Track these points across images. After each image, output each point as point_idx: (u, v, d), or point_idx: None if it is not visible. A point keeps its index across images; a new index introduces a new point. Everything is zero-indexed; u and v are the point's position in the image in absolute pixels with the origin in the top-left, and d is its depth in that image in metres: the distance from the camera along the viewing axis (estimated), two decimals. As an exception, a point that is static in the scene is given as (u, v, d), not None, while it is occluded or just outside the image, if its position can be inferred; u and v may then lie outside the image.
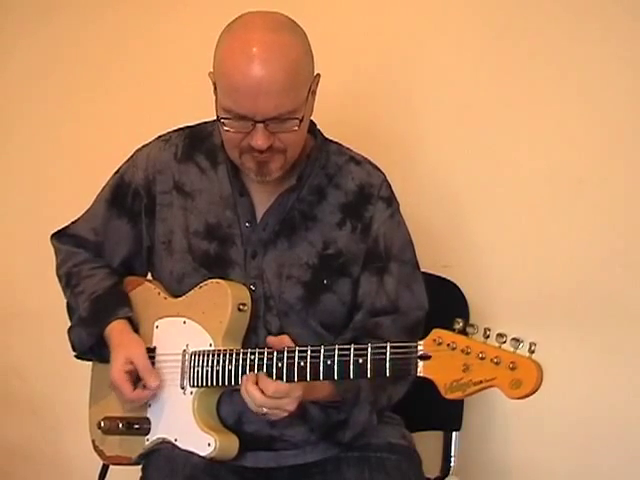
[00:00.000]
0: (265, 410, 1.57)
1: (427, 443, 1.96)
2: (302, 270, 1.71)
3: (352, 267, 1.73)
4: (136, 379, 1.71)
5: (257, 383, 1.57)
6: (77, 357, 1.85)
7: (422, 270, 1.81)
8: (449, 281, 2.10)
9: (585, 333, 2.08)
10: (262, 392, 1.56)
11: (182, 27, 2.54)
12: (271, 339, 1.62)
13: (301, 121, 1.62)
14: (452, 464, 2.05)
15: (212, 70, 1.65)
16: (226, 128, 1.63)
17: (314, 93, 1.68)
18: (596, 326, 2.08)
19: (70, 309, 1.86)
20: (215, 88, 1.66)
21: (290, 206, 1.73)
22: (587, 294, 2.08)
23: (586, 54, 2.09)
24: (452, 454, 2.05)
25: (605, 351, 2.07)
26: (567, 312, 2.09)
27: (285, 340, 1.60)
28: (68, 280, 1.86)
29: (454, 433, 2.05)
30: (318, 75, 1.68)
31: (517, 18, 2.16)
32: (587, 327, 2.08)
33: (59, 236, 1.91)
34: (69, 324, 1.85)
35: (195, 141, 1.81)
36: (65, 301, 1.87)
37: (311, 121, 1.74)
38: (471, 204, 2.20)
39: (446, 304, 1.96)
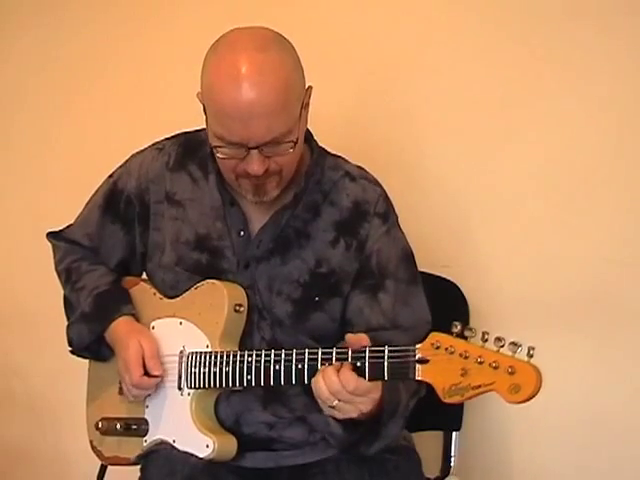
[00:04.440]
0: (335, 403, 1.50)
1: (427, 443, 1.96)
2: (292, 287, 1.69)
3: (344, 286, 1.70)
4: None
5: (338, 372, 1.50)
6: (72, 353, 1.84)
7: (422, 270, 1.80)
8: (449, 281, 2.09)
9: (585, 332, 2.07)
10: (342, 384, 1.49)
11: (180, 29, 2.53)
12: (351, 337, 1.54)
13: (296, 143, 1.58)
14: (452, 464, 2.05)
15: (200, 91, 1.61)
16: (220, 155, 1.60)
17: (307, 105, 1.64)
18: (596, 325, 2.06)
19: (69, 305, 1.85)
20: (205, 109, 1.62)
21: (284, 223, 1.70)
22: (587, 293, 2.07)
23: (586, 54, 2.08)
24: (452, 454, 2.05)
25: (605, 351, 2.06)
26: (567, 311, 2.08)
27: (363, 340, 1.53)
28: (68, 276, 1.86)
29: (454, 433, 2.05)
30: (310, 87, 1.63)
31: (515, 24, 2.15)
32: (587, 326, 2.07)
33: (55, 235, 1.91)
34: (66, 321, 1.84)
35: (189, 150, 1.78)
36: (63, 296, 1.87)
37: (308, 131, 1.71)
38: (471, 204, 2.19)
39: (446, 304, 1.95)
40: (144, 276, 1.86)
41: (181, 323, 1.72)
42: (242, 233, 1.72)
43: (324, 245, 1.70)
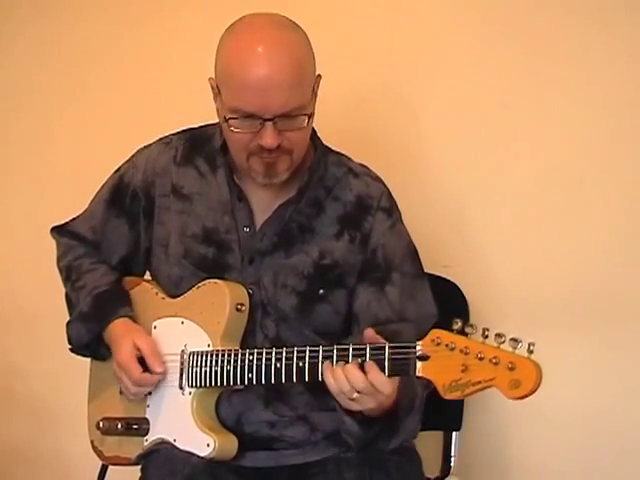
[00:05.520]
0: (356, 395, 1.49)
1: (427, 443, 1.94)
2: (297, 279, 1.70)
3: (348, 278, 1.71)
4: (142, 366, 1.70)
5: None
6: (72, 351, 1.84)
7: (422, 270, 1.81)
8: (449, 281, 2.09)
9: (585, 332, 2.07)
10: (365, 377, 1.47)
11: (182, 24, 2.53)
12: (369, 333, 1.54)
13: (309, 117, 1.61)
14: (452, 464, 2.05)
15: (213, 76, 1.64)
16: (233, 129, 1.61)
17: (315, 94, 1.66)
18: (596, 325, 2.06)
19: (70, 302, 1.86)
20: (216, 93, 1.64)
21: (288, 218, 1.71)
22: (587, 293, 2.07)
23: (586, 54, 2.08)
24: (452, 454, 2.05)
25: (605, 349, 2.06)
26: (567, 311, 2.08)
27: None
28: (68, 274, 1.86)
29: (454, 433, 2.05)
30: (319, 76, 1.66)
31: (517, 22, 2.15)
32: (587, 326, 2.07)
33: (59, 230, 1.91)
34: (68, 317, 1.84)
35: (195, 145, 1.79)
36: (64, 293, 1.87)
37: (312, 129, 1.72)
38: (471, 204, 2.19)
39: (446, 304, 1.94)
40: (146, 276, 1.86)
41: (183, 322, 1.72)
42: (247, 229, 1.73)
43: (328, 238, 1.71)
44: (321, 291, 1.70)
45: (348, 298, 1.72)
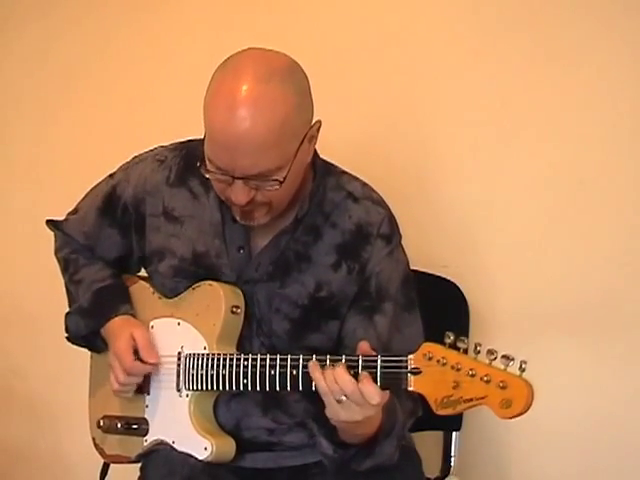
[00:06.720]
0: (343, 398, 1.48)
1: (427, 443, 1.95)
2: (291, 307, 1.67)
3: (343, 308, 1.68)
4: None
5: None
6: (68, 339, 1.84)
7: (422, 270, 1.79)
8: (449, 281, 2.07)
9: (585, 331, 2.06)
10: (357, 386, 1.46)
11: (183, 25, 2.52)
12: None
13: (282, 182, 1.53)
14: (452, 464, 2.05)
15: None
16: (208, 176, 1.57)
17: (312, 138, 1.59)
18: (596, 324, 2.06)
19: (69, 293, 1.86)
20: None
21: (284, 246, 1.67)
22: (586, 293, 2.06)
23: (587, 54, 2.06)
24: (452, 454, 2.05)
25: (605, 349, 2.05)
26: (567, 311, 2.07)
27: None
28: (66, 266, 1.86)
29: (454, 433, 2.05)
30: (318, 122, 1.58)
31: (517, 23, 2.14)
32: (587, 325, 2.06)
33: (54, 224, 1.90)
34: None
35: (190, 164, 1.72)
36: (63, 283, 1.87)
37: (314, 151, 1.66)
38: (472, 204, 2.18)
39: (446, 304, 1.95)
40: (142, 273, 1.86)
41: (179, 324, 1.71)
42: (242, 251, 1.69)
43: (325, 268, 1.66)
44: (314, 321, 1.67)
45: (341, 327, 1.69)
